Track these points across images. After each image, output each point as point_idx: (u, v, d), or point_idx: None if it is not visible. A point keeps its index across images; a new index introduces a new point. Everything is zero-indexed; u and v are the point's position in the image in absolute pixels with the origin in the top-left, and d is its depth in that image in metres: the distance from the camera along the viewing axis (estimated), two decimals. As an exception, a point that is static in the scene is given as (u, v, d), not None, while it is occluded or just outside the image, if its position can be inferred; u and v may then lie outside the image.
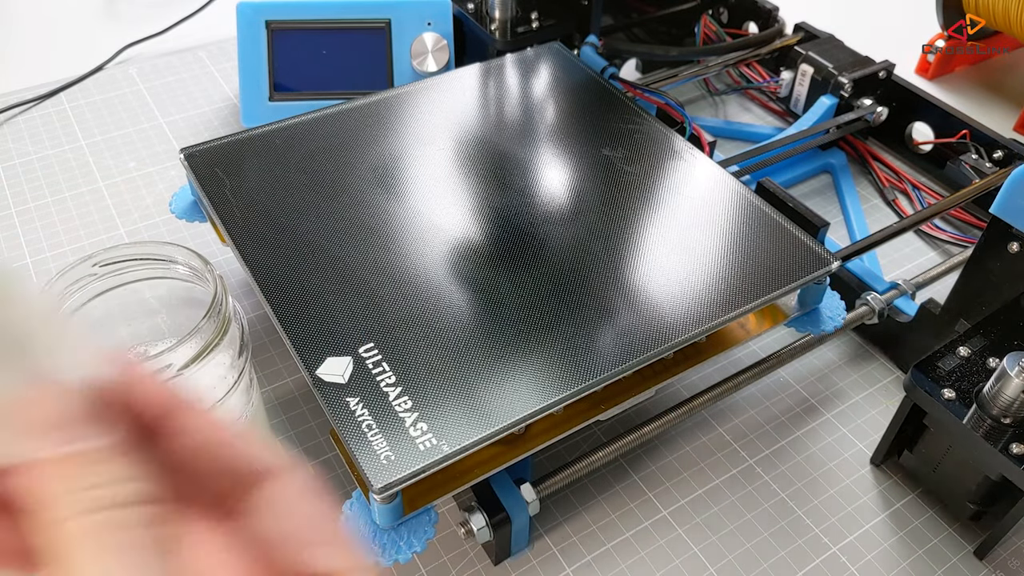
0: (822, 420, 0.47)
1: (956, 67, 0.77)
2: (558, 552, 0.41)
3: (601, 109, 0.52)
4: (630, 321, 0.39)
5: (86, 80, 0.72)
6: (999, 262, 0.43)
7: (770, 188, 0.48)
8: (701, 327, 0.38)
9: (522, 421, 0.35)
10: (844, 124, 0.62)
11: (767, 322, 0.44)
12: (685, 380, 0.48)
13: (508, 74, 0.56)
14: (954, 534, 0.42)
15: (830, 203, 0.62)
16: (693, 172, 0.48)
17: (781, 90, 0.67)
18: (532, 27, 0.63)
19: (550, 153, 0.49)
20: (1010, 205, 0.40)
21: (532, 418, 0.35)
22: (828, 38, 0.66)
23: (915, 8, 0.81)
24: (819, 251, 0.42)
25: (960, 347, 0.41)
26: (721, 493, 0.43)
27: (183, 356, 0.30)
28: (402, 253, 0.42)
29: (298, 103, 0.61)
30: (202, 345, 0.31)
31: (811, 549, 0.41)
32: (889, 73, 0.62)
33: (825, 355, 0.50)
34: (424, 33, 0.61)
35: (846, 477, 0.44)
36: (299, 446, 0.45)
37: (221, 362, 0.32)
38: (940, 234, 0.58)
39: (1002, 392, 0.37)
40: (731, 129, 0.68)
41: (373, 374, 0.36)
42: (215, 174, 0.46)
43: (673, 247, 0.43)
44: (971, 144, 0.59)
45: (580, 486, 0.43)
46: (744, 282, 0.41)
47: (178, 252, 0.34)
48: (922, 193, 0.61)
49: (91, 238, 0.57)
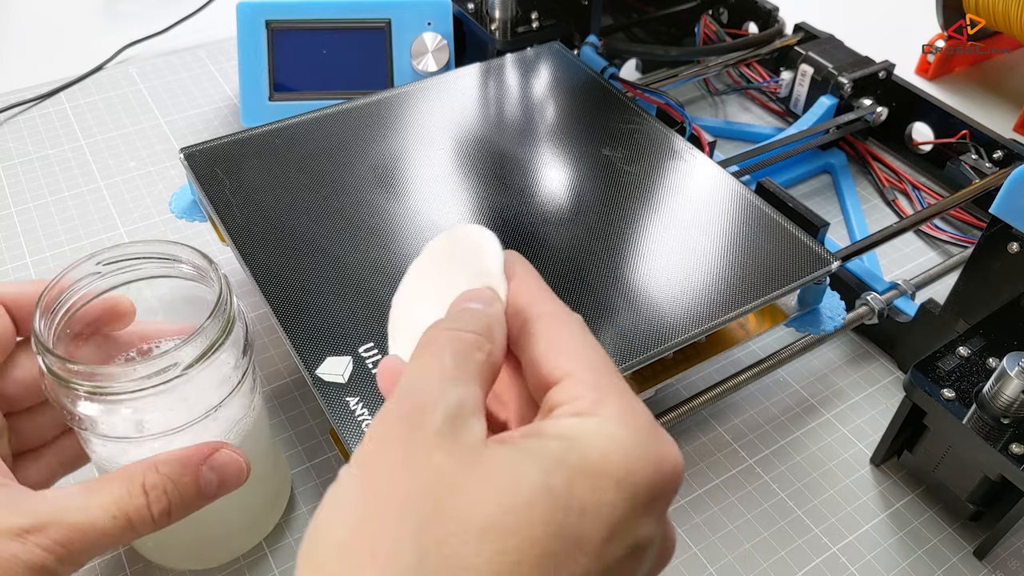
0: (822, 420, 0.47)
1: (956, 67, 0.77)
2: (558, 552, 0.40)
3: (601, 109, 0.52)
4: (630, 321, 0.39)
5: (86, 80, 0.72)
6: (999, 262, 0.43)
7: (770, 188, 0.48)
8: (701, 327, 0.38)
9: (522, 421, 0.35)
10: (844, 124, 0.62)
11: (767, 322, 0.44)
12: (685, 380, 0.48)
13: (508, 74, 0.56)
14: (954, 534, 0.42)
15: (830, 203, 0.62)
16: (693, 172, 0.48)
17: (781, 90, 0.67)
18: (532, 27, 0.63)
19: (550, 153, 0.49)
20: (1010, 205, 0.40)
21: (532, 418, 0.35)
22: (828, 38, 0.66)
23: (915, 8, 0.81)
24: (819, 251, 0.42)
25: (960, 347, 0.41)
26: (721, 493, 0.43)
27: (188, 355, 0.30)
28: (402, 253, 0.42)
29: (298, 103, 0.61)
30: (207, 344, 0.31)
31: (811, 549, 0.41)
32: (889, 73, 0.62)
33: (825, 355, 0.50)
34: (424, 33, 0.61)
35: (846, 477, 0.44)
36: (299, 446, 0.45)
37: (226, 362, 0.32)
38: (940, 234, 0.58)
39: (1002, 392, 0.37)
40: (731, 129, 0.68)
41: (373, 374, 0.36)
42: (215, 174, 0.46)
43: (673, 247, 0.43)
44: (971, 144, 0.59)
45: (580, 486, 0.43)
46: (744, 282, 0.41)
47: (182, 251, 0.34)
48: (922, 193, 0.61)
49: (91, 238, 0.57)
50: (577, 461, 0.19)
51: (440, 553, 0.18)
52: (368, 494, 0.20)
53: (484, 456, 0.20)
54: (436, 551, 0.18)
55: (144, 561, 0.39)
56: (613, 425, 0.20)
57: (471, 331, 0.22)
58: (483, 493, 0.19)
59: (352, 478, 0.20)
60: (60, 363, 0.29)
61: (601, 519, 0.19)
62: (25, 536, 0.26)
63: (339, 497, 0.20)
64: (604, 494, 0.19)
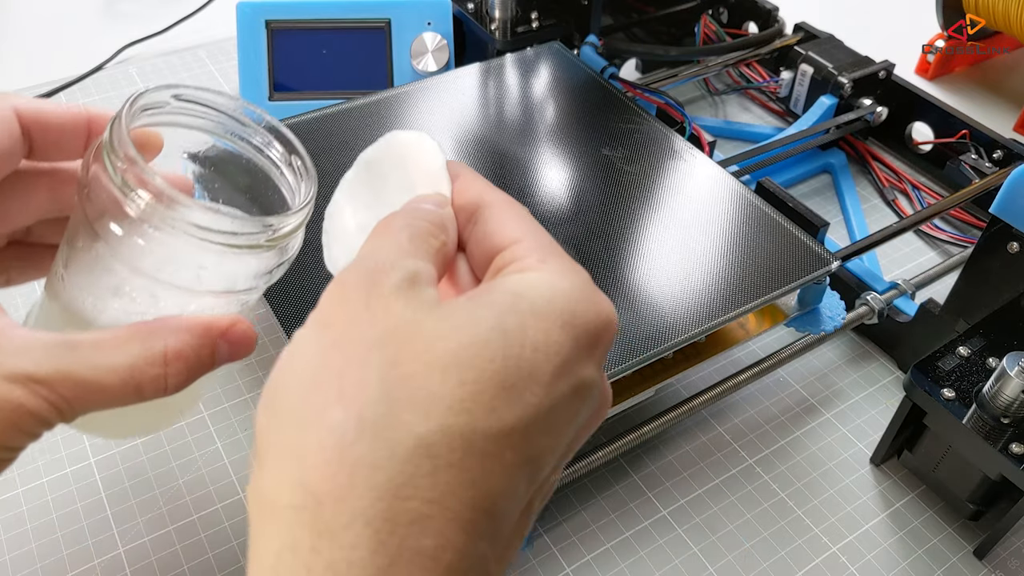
0: (822, 420, 0.47)
1: (956, 67, 0.77)
2: (557, 552, 0.41)
3: (601, 109, 0.52)
4: (630, 321, 0.39)
5: (86, 80, 0.72)
6: (999, 262, 0.43)
7: (770, 188, 0.48)
8: (701, 327, 0.38)
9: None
10: (844, 124, 0.62)
11: (767, 322, 0.44)
12: (685, 380, 0.48)
13: (508, 74, 0.56)
14: (954, 534, 0.42)
15: (830, 203, 0.62)
16: (693, 172, 0.48)
17: (781, 90, 0.67)
18: (532, 27, 0.63)
19: (550, 153, 0.49)
20: (1010, 205, 0.40)
21: (532, 418, 0.35)
22: (828, 38, 0.66)
23: (915, 8, 0.81)
24: (819, 251, 0.42)
25: (960, 347, 0.41)
26: (721, 493, 0.43)
27: (293, 223, 0.28)
28: (402, 253, 0.42)
29: (298, 103, 0.61)
30: (300, 221, 0.28)
31: (811, 549, 0.41)
32: (889, 73, 0.62)
33: (825, 355, 0.50)
34: (424, 33, 0.61)
35: (846, 477, 0.44)
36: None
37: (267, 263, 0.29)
38: (940, 234, 0.58)
39: (1002, 392, 0.37)
40: (731, 129, 0.68)
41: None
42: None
43: (673, 247, 0.43)
44: (971, 144, 0.59)
45: (580, 485, 0.43)
46: (744, 282, 0.41)
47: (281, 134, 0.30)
48: (922, 193, 0.61)
49: (91, 238, 0.57)
50: (527, 307, 0.21)
51: (406, 385, 0.19)
52: (328, 344, 0.21)
53: (442, 306, 0.22)
54: (402, 384, 0.20)
55: (144, 562, 0.39)
56: (556, 277, 0.22)
57: (427, 222, 0.24)
58: (443, 333, 0.20)
59: (311, 332, 0.21)
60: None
61: (550, 356, 0.21)
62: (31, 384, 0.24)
63: (300, 349, 0.21)
64: (551, 334, 0.21)
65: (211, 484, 0.43)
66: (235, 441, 0.45)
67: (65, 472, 0.43)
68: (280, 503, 0.19)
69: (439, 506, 0.19)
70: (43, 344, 0.25)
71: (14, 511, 0.41)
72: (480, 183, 0.26)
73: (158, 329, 0.27)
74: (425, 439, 0.19)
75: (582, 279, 0.23)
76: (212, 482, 0.43)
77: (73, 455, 0.44)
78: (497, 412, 0.20)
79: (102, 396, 0.26)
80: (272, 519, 0.19)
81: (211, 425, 0.45)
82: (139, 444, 0.44)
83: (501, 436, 0.20)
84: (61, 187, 0.32)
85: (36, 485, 0.42)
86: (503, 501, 0.20)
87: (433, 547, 0.19)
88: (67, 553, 0.39)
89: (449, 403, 0.19)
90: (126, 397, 0.26)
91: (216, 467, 0.43)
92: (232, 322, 0.29)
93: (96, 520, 0.41)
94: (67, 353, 0.25)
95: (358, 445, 0.19)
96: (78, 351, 0.26)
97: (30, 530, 0.40)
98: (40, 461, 0.43)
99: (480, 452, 0.19)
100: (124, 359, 0.26)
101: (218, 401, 0.46)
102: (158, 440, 0.44)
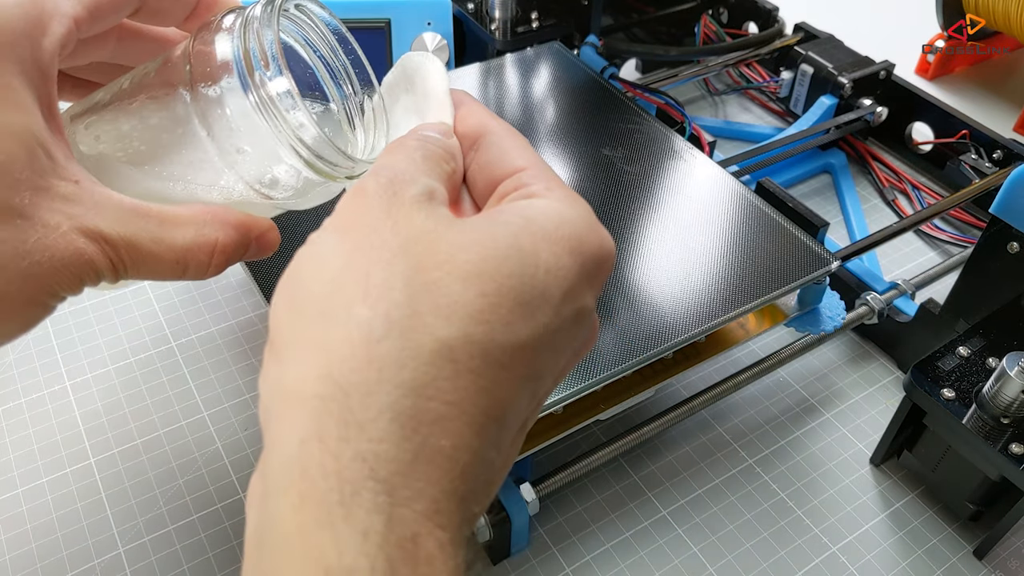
0: (822, 420, 0.47)
1: (956, 67, 0.77)
2: (557, 552, 0.41)
3: (601, 109, 0.52)
4: (630, 321, 0.39)
5: (86, 80, 0.72)
6: (999, 262, 0.43)
7: (770, 188, 0.48)
8: (701, 327, 0.39)
9: (522, 421, 0.35)
10: (844, 124, 0.62)
11: (767, 322, 0.44)
12: (685, 380, 0.48)
13: (508, 74, 0.56)
14: (954, 534, 0.42)
15: (830, 203, 0.62)
16: (693, 172, 0.48)
17: (781, 90, 0.67)
18: (532, 27, 0.63)
19: (550, 153, 0.49)
20: (1010, 205, 0.40)
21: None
22: (828, 38, 0.66)
23: (915, 8, 0.81)
24: (819, 251, 0.42)
25: (960, 347, 0.41)
26: (720, 493, 0.43)
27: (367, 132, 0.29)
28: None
29: (298, 103, 0.61)
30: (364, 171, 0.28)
31: (811, 549, 0.41)
32: (889, 73, 0.62)
33: (825, 355, 0.50)
34: (424, 33, 0.61)
35: (846, 477, 0.44)
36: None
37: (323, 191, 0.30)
38: (940, 234, 0.58)
39: (1002, 392, 0.37)
40: (731, 129, 0.68)
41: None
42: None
43: (673, 247, 0.43)
44: (971, 144, 0.59)
45: (580, 486, 0.43)
46: (744, 282, 0.41)
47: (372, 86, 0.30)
48: (922, 193, 0.61)
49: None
50: (539, 230, 0.22)
51: (430, 291, 0.20)
52: (351, 247, 0.21)
53: (460, 221, 0.22)
54: (426, 289, 0.20)
55: (144, 562, 0.39)
56: (563, 205, 0.23)
57: (438, 147, 0.25)
58: (464, 246, 0.21)
59: (331, 236, 0.22)
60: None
61: (559, 279, 0.21)
62: (100, 241, 0.25)
63: (321, 251, 0.21)
64: (561, 258, 0.22)
65: (211, 484, 0.43)
66: (235, 441, 0.45)
67: (65, 472, 0.43)
68: (305, 393, 0.19)
69: (458, 409, 0.19)
70: (117, 206, 0.26)
71: (14, 511, 0.41)
72: (482, 111, 0.26)
73: (212, 220, 0.28)
74: (447, 343, 0.19)
75: (586, 209, 0.24)
76: (212, 482, 0.43)
77: (73, 455, 0.44)
78: (512, 327, 0.20)
79: (154, 267, 0.27)
80: (295, 408, 0.19)
81: (211, 425, 0.45)
82: (139, 444, 0.44)
83: (515, 350, 0.20)
84: (131, 39, 0.32)
85: (36, 485, 0.42)
86: (510, 412, 0.21)
87: (451, 447, 0.19)
88: (67, 553, 0.40)
89: (470, 312, 0.20)
90: (172, 273, 0.27)
91: (216, 467, 0.43)
92: (268, 227, 0.30)
93: (96, 520, 0.41)
94: (136, 220, 0.26)
95: (385, 342, 0.19)
96: (146, 221, 0.26)
97: (30, 530, 0.40)
98: (40, 461, 0.43)
99: (496, 363, 0.20)
100: (182, 240, 0.27)
101: (218, 401, 0.46)
102: (158, 440, 0.44)
